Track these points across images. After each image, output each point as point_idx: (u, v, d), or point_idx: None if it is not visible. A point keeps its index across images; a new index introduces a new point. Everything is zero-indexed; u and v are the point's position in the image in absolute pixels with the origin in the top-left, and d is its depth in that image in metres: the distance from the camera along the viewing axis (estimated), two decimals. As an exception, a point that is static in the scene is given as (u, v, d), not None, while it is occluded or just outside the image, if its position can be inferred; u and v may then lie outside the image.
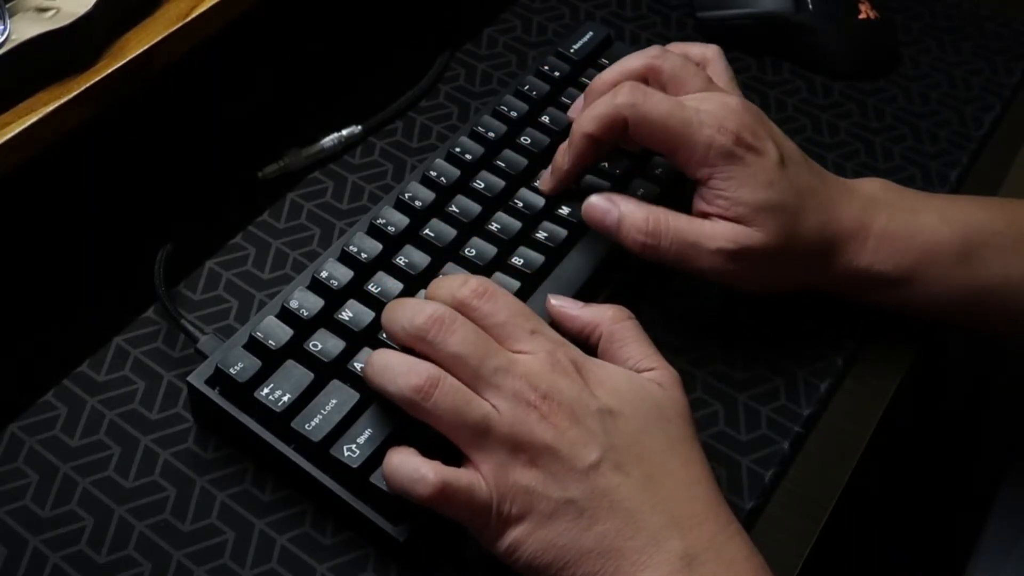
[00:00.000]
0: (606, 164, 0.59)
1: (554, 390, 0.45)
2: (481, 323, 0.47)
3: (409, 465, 0.45)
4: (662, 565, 0.43)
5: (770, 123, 0.56)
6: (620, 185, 0.59)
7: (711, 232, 0.53)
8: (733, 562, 0.44)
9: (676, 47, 0.61)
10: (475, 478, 0.44)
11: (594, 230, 0.57)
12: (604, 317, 0.50)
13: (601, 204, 0.55)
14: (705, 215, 0.54)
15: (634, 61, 0.58)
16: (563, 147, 0.57)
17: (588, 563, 0.44)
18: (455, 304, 0.48)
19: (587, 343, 0.50)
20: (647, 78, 0.57)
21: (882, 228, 0.56)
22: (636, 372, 0.48)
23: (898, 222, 0.56)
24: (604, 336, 0.50)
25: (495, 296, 0.48)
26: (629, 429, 0.45)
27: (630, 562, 0.43)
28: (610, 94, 0.55)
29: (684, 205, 0.56)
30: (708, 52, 0.61)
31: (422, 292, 0.53)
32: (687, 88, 0.56)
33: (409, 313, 0.47)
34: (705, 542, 0.44)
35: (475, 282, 0.48)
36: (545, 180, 0.58)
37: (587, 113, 0.55)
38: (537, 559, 0.44)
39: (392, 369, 0.46)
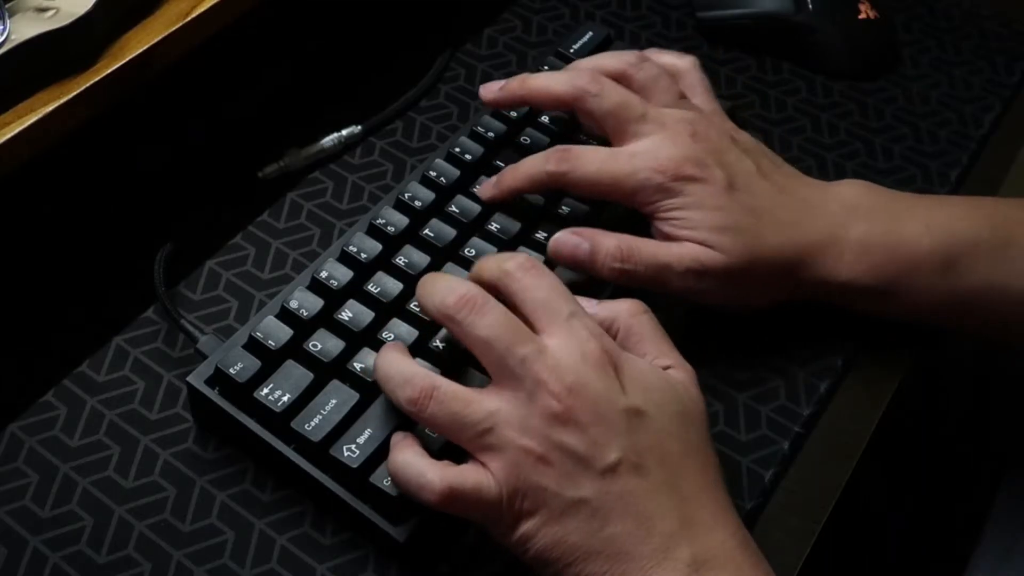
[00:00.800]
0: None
1: (580, 384, 0.44)
2: (521, 296, 0.47)
3: (414, 469, 0.45)
4: (670, 571, 0.43)
5: (728, 145, 0.56)
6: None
7: (679, 253, 0.54)
8: (740, 569, 0.44)
9: (652, 54, 0.62)
10: (482, 477, 0.44)
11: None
12: (620, 311, 0.50)
13: (569, 239, 0.55)
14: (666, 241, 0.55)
15: (611, 61, 0.59)
16: (492, 181, 0.58)
17: (596, 564, 0.43)
18: (501, 275, 0.48)
19: None
20: (618, 81, 0.58)
21: (860, 239, 0.55)
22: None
23: (878, 232, 0.56)
24: (621, 331, 0.49)
25: (541, 272, 0.48)
26: (654, 430, 0.45)
27: (638, 567, 0.43)
28: (542, 156, 0.56)
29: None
30: (681, 64, 0.61)
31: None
32: (654, 101, 0.57)
33: (443, 290, 0.47)
34: (714, 549, 0.44)
35: (523, 257, 0.48)
36: (485, 188, 0.58)
37: (521, 170, 0.56)
38: (546, 553, 0.44)
39: (391, 379, 0.46)
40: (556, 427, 0.44)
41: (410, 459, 0.45)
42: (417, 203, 0.57)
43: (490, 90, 0.60)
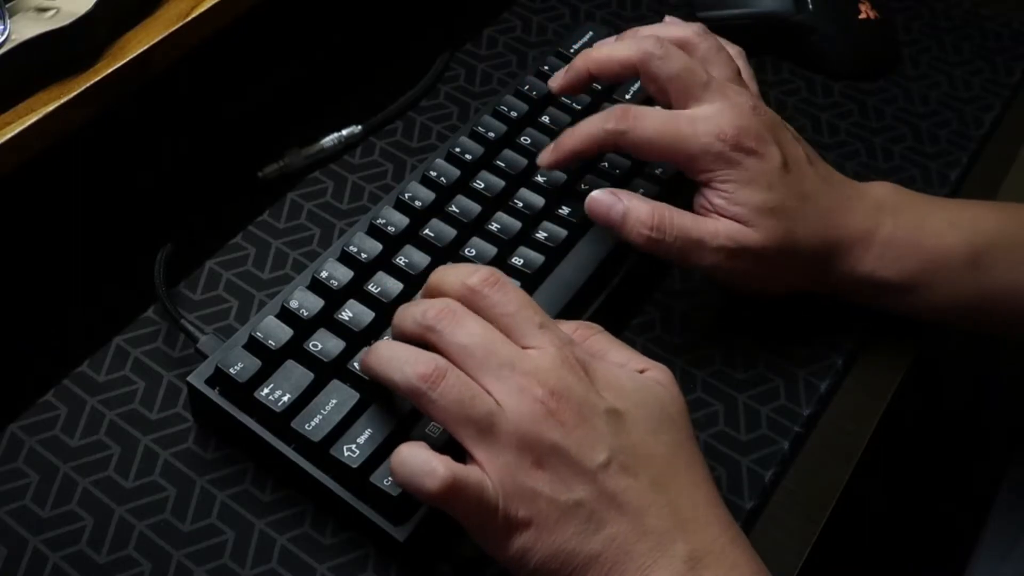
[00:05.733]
0: (606, 164, 0.59)
1: (562, 387, 0.44)
2: (490, 312, 0.46)
3: (419, 457, 0.44)
4: (667, 568, 0.43)
5: (781, 127, 0.56)
6: (620, 185, 0.59)
7: (714, 229, 0.54)
8: (735, 564, 0.44)
9: None
10: (484, 478, 0.43)
11: (595, 230, 0.57)
12: (573, 335, 0.49)
13: (605, 199, 0.55)
14: (705, 214, 0.55)
15: (674, 31, 0.59)
16: (549, 147, 0.58)
17: (595, 567, 0.43)
18: (465, 291, 0.47)
19: None
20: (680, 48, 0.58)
21: (888, 234, 0.56)
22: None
23: (905, 228, 0.56)
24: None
25: (505, 287, 0.47)
26: (636, 431, 0.45)
27: (636, 565, 0.43)
28: (601, 116, 0.56)
29: (684, 205, 0.56)
30: (730, 51, 0.61)
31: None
32: (713, 73, 0.57)
33: (421, 306, 0.46)
34: (708, 544, 0.44)
35: (486, 271, 0.47)
36: (544, 155, 0.58)
37: (579, 131, 0.56)
38: (545, 565, 0.43)
39: (399, 358, 0.45)
40: (545, 430, 0.43)
41: (416, 451, 0.44)
42: (417, 203, 0.57)
43: (556, 79, 0.60)
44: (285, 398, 0.49)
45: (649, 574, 0.43)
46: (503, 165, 0.59)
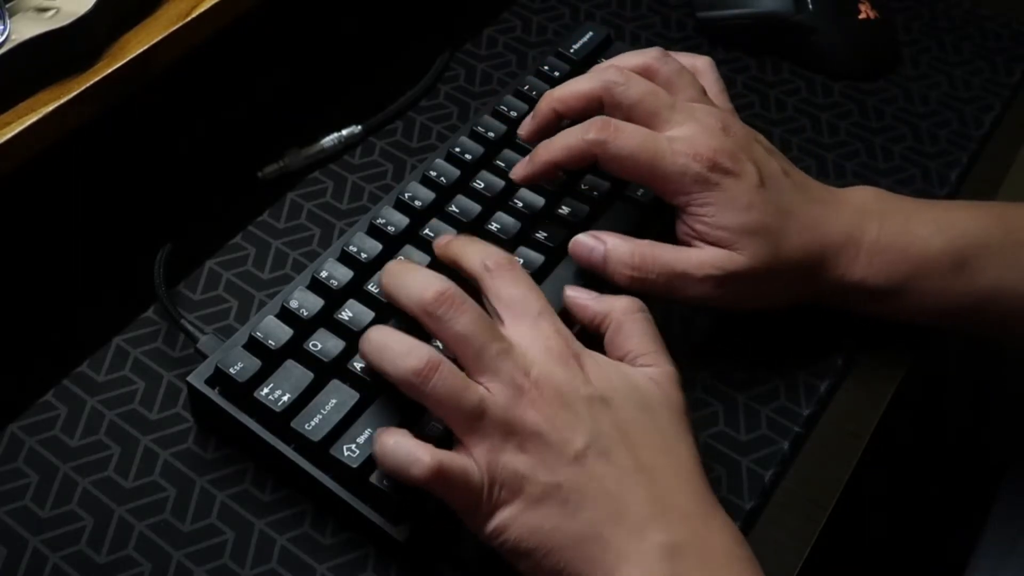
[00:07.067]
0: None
1: (545, 376, 0.45)
2: (496, 291, 0.48)
3: (404, 447, 0.45)
4: (644, 556, 0.43)
5: (753, 143, 0.56)
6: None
7: (698, 260, 0.54)
8: (716, 556, 0.45)
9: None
10: (469, 463, 0.45)
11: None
12: (615, 307, 0.50)
13: (587, 242, 0.55)
14: (688, 241, 0.55)
15: (634, 59, 0.59)
16: (524, 160, 0.57)
17: (571, 550, 0.44)
18: (481, 269, 0.49)
19: (597, 332, 0.51)
20: (642, 76, 0.58)
21: (873, 240, 0.55)
22: (635, 367, 0.49)
23: (890, 233, 0.56)
24: (612, 326, 0.50)
25: (517, 272, 0.49)
26: (618, 418, 0.46)
27: (613, 551, 0.44)
28: (582, 127, 0.55)
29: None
30: (699, 63, 0.61)
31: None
32: (679, 96, 0.57)
33: (419, 284, 0.47)
34: (689, 535, 0.44)
35: (504, 255, 0.50)
36: (518, 168, 0.58)
37: (557, 141, 0.56)
38: (522, 543, 0.44)
39: (391, 349, 0.46)
40: (528, 417, 0.45)
41: (400, 440, 0.45)
42: (417, 203, 0.57)
43: (525, 127, 0.58)
44: (285, 398, 0.49)
45: (625, 560, 0.43)
46: (503, 165, 0.59)
